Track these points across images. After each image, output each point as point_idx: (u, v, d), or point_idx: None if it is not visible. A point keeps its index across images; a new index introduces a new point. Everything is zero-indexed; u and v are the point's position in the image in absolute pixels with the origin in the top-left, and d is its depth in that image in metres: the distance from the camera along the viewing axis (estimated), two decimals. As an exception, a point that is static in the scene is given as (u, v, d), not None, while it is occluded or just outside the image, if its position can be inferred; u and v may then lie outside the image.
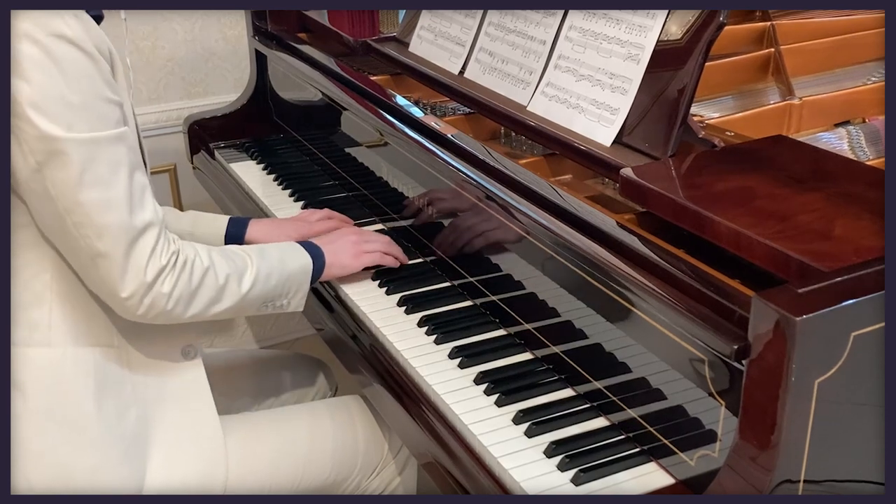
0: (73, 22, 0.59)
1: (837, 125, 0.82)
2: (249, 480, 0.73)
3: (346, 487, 0.80)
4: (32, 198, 0.61)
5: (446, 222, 0.83)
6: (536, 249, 0.70)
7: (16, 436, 0.65)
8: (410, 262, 0.86)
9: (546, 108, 0.80)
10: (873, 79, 0.88)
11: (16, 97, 0.58)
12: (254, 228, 0.88)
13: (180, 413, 0.71)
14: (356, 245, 0.80)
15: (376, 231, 0.91)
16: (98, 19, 0.66)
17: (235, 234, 0.87)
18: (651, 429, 0.61)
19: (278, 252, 0.75)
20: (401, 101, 0.92)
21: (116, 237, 0.61)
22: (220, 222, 0.87)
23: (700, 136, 0.71)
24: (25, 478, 0.65)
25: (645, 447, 0.62)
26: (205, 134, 1.20)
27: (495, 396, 0.68)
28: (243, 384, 0.90)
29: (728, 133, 0.73)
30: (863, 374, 0.50)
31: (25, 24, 0.57)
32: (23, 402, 0.65)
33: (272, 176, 1.10)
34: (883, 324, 0.50)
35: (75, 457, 0.66)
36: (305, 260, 0.76)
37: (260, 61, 1.20)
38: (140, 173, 0.64)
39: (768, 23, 0.93)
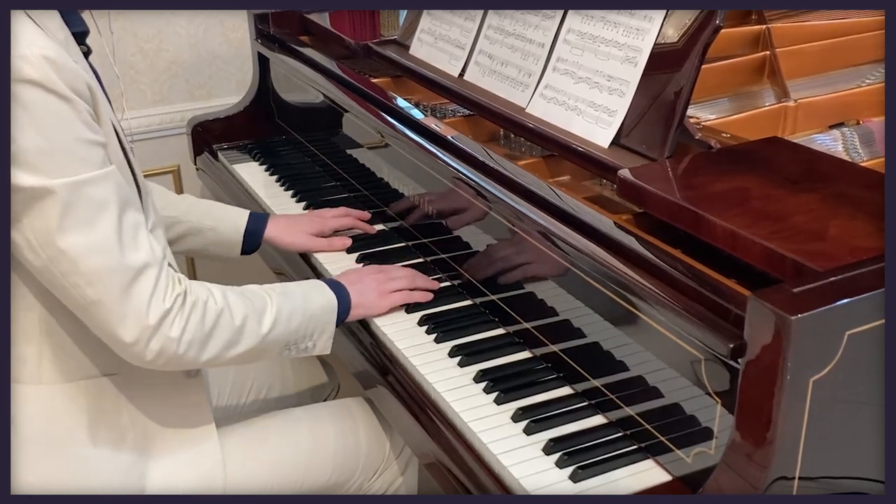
0: (40, 62, 0.54)
1: (832, 127, 0.83)
2: (251, 482, 0.73)
3: (347, 489, 0.80)
4: (16, 250, 0.58)
5: (446, 223, 0.84)
6: (535, 249, 0.70)
7: (12, 469, 0.63)
8: (411, 262, 0.87)
9: (545, 109, 0.81)
10: (868, 81, 0.89)
11: None
12: (272, 226, 0.87)
13: (179, 429, 0.70)
14: (381, 284, 0.77)
15: (379, 229, 0.92)
16: (83, 35, 0.63)
17: (255, 230, 0.86)
18: (648, 426, 0.61)
19: (301, 291, 0.71)
20: (401, 103, 0.92)
21: (107, 282, 0.57)
22: (241, 218, 0.86)
23: (696, 137, 0.71)
24: None
25: (642, 444, 0.62)
26: (208, 135, 1.21)
27: (494, 394, 0.68)
28: (246, 384, 0.89)
29: (724, 135, 0.74)
30: (857, 372, 0.51)
31: None
32: (14, 436, 0.63)
33: (274, 177, 1.11)
34: (877, 323, 0.50)
35: (73, 488, 0.65)
36: (330, 298, 0.72)
37: (262, 64, 1.21)
38: (132, 211, 0.60)
39: (764, 26, 0.94)
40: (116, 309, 0.59)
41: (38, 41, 0.56)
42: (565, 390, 0.69)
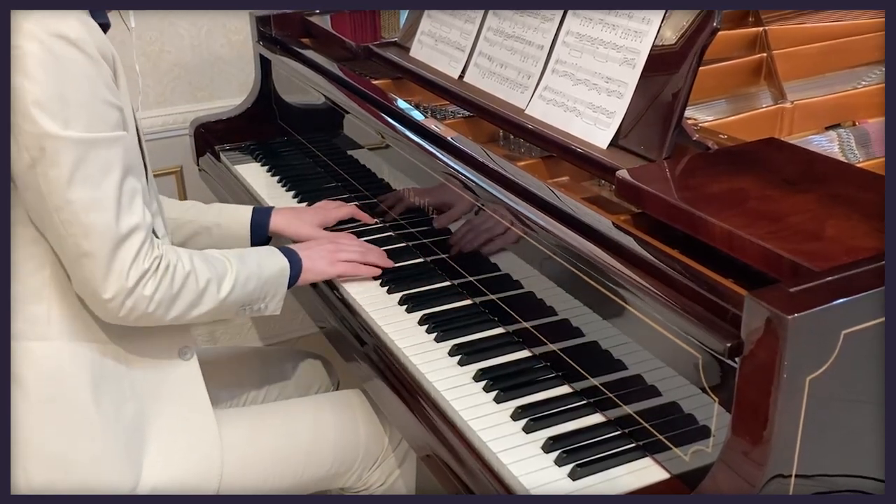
0: (76, 25, 0.60)
1: (828, 128, 0.84)
2: (253, 472, 0.74)
3: (346, 479, 0.81)
4: (27, 193, 0.62)
5: (446, 223, 0.84)
6: (534, 249, 0.71)
7: (15, 428, 0.65)
8: (411, 261, 0.87)
9: (544, 111, 0.81)
10: (863, 83, 0.90)
11: (17, 93, 0.59)
12: (277, 218, 0.90)
13: (176, 410, 0.72)
14: (332, 253, 0.82)
15: (371, 229, 0.93)
16: (104, 27, 0.67)
17: (260, 223, 0.89)
18: (646, 425, 0.62)
19: (257, 257, 0.76)
20: (402, 104, 0.93)
21: (102, 237, 0.62)
22: (245, 212, 0.89)
23: (694, 138, 0.72)
24: (24, 469, 0.66)
25: (640, 443, 0.63)
26: (210, 137, 1.22)
27: (494, 393, 0.69)
28: (248, 381, 0.91)
29: (721, 136, 0.74)
30: (853, 371, 0.51)
31: (29, 24, 0.59)
32: (22, 395, 0.66)
33: (276, 178, 1.11)
34: (873, 322, 0.51)
35: (74, 449, 0.66)
36: (283, 264, 0.77)
37: (264, 66, 1.22)
38: (133, 178, 0.64)
39: (761, 28, 0.95)
40: (104, 264, 0.63)
41: (76, 14, 0.61)
42: (564, 389, 0.69)
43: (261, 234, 0.90)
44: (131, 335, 0.70)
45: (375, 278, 0.85)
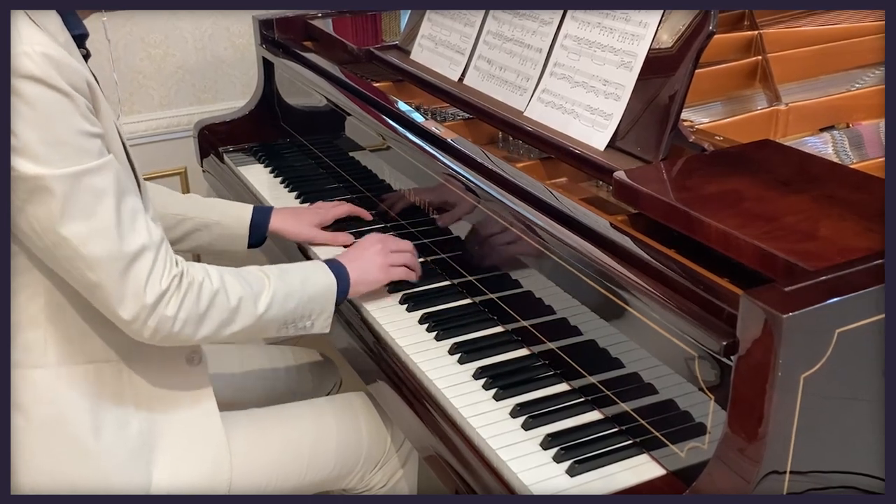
0: (42, 60, 0.57)
1: (822, 130, 0.84)
2: (256, 475, 0.75)
3: (349, 481, 0.81)
4: (20, 235, 0.62)
5: (446, 224, 0.85)
6: (533, 249, 0.72)
7: (20, 453, 0.65)
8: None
9: (542, 113, 0.82)
10: (857, 85, 0.90)
11: None
12: (275, 218, 0.90)
13: (185, 418, 0.72)
14: (383, 257, 0.79)
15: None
16: (82, 38, 0.65)
17: (259, 223, 0.88)
18: (643, 422, 0.62)
19: (301, 274, 0.73)
20: (402, 106, 0.94)
21: (107, 267, 0.60)
22: (245, 212, 0.89)
23: (690, 140, 0.73)
24: (33, 483, 0.66)
25: (637, 440, 0.63)
26: (214, 138, 1.23)
27: (493, 391, 0.69)
28: (250, 382, 0.91)
29: (717, 137, 0.75)
30: (847, 369, 0.52)
31: None
32: (24, 422, 0.66)
33: (279, 179, 1.12)
34: (866, 321, 0.51)
35: (79, 469, 0.66)
36: (329, 280, 0.74)
37: (267, 68, 1.23)
38: (130, 198, 0.62)
39: (756, 31, 0.96)
40: (115, 291, 0.62)
41: (39, 40, 0.58)
42: (562, 387, 0.70)
43: (259, 234, 0.90)
44: (137, 349, 0.68)
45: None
